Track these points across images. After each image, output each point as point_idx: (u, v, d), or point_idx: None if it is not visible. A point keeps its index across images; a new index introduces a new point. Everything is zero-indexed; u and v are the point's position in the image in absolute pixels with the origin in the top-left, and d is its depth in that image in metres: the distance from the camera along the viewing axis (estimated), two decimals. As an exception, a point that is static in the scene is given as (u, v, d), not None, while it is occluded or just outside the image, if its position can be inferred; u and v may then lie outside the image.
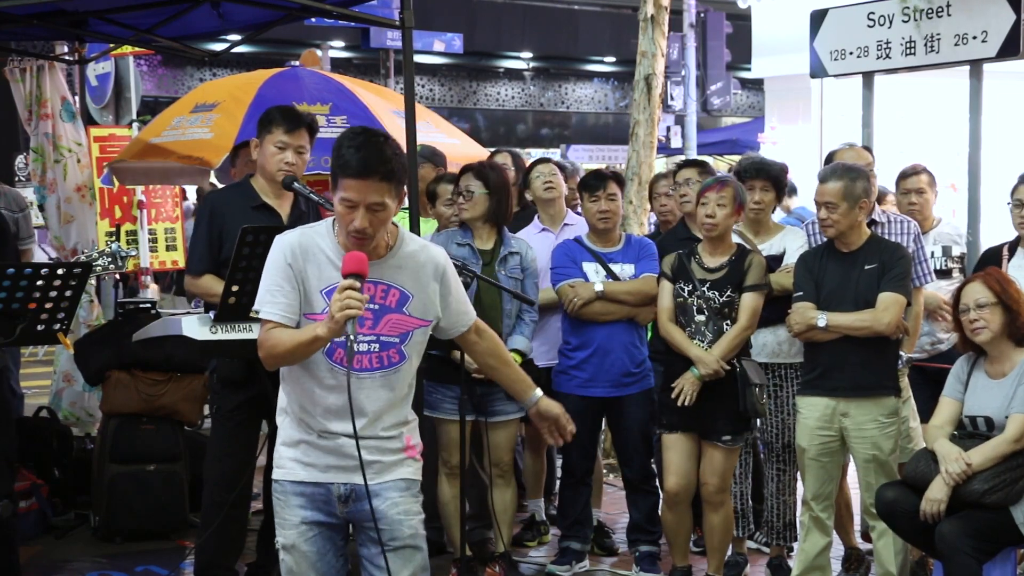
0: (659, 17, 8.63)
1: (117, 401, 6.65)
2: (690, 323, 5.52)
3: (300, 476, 3.65)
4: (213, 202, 5.59)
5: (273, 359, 3.57)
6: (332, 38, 24.13)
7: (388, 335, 3.61)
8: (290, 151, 5.32)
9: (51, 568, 6.18)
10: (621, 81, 29.88)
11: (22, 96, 8.37)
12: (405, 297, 3.62)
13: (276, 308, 3.55)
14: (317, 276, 3.56)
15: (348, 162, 3.48)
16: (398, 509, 3.66)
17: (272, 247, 3.63)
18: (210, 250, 5.40)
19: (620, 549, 6.48)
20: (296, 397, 3.66)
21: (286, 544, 3.67)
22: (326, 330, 3.40)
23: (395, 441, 3.69)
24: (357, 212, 3.46)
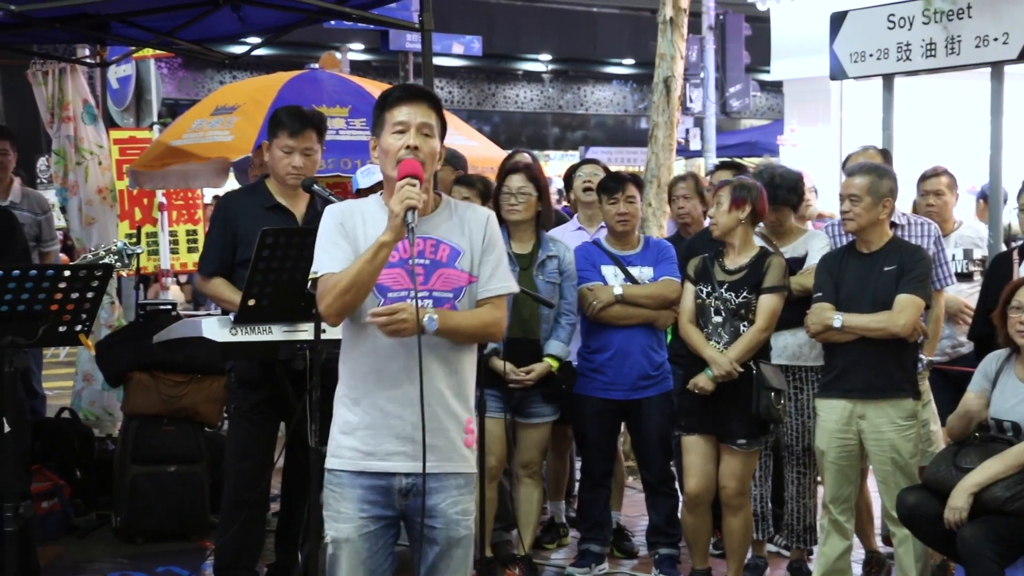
0: (678, 19, 8.62)
1: (138, 402, 6.67)
2: (707, 324, 5.52)
3: (360, 466, 3.53)
4: (227, 204, 5.61)
5: (339, 298, 3.43)
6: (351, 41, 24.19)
7: (441, 290, 3.53)
8: (296, 154, 5.33)
9: (73, 568, 6.20)
10: (640, 83, 29.84)
11: (44, 99, 8.41)
12: (456, 252, 3.57)
13: (334, 262, 3.49)
14: (367, 236, 3.51)
15: (392, 92, 3.57)
16: (457, 508, 3.58)
17: (322, 218, 3.62)
18: (223, 252, 5.42)
19: (640, 552, 6.48)
20: (353, 372, 3.56)
21: (339, 537, 3.55)
22: (389, 232, 3.37)
23: (458, 418, 3.57)
24: (408, 134, 3.49)
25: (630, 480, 7.41)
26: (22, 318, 4.16)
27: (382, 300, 3.48)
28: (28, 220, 7.16)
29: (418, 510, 3.51)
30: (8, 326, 4.14)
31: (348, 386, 3.59)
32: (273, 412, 5.46)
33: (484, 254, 3.61)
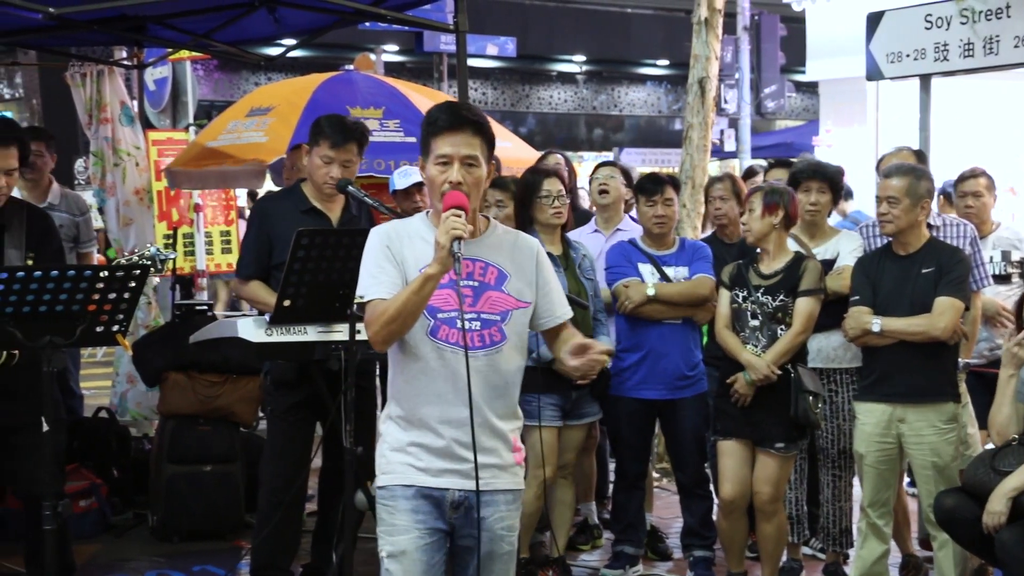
0: (713, 20, 8.59)
1: (174, 402, 6.71)
2: (744, 328, 5.50)
3: (413, 480, 3.54)
4: (263, 207, 5.64)
5: (385, 327, 3.46)
6: (386, 42, 24.21)
7: (489, 312, 3.55)
8: (336, 165, 5.35)
9: (111, 567, 6.24)
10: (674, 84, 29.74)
11: (82, 100, 8.47)
12: (503, 276, 3.59)
13: (381, 287, 3.50)
14: (415, 258, 3.52)
15: (438, 119, 3.52)
16: (503, 524, 3.61)
17: (368, 238, 3.61)
18: (259, 255, 5.45)
19: (674, 554, 6.46)
20: (402, 392, 3.57)
21: (395, 552, 3.54)
22: (435, 264, 3.38)
23: (505, 438, 3.60)
24: (451, 168, 3.47)
25: (664, 482, 7.40)
26: (60, 318, 4.19)
27: (432, 321, 3.51)
28: (66, 221, 7.20)
29: (466, 523, 3.55)
30: (47, 326, 4.17)
31: (399, 406, 3.60)
32: (309, 413, 5.48)
33: (541, 284, 3.65)
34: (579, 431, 5.93)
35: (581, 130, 30.56)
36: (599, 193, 6.60)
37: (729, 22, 13.07)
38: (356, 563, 4.70)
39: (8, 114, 24.50)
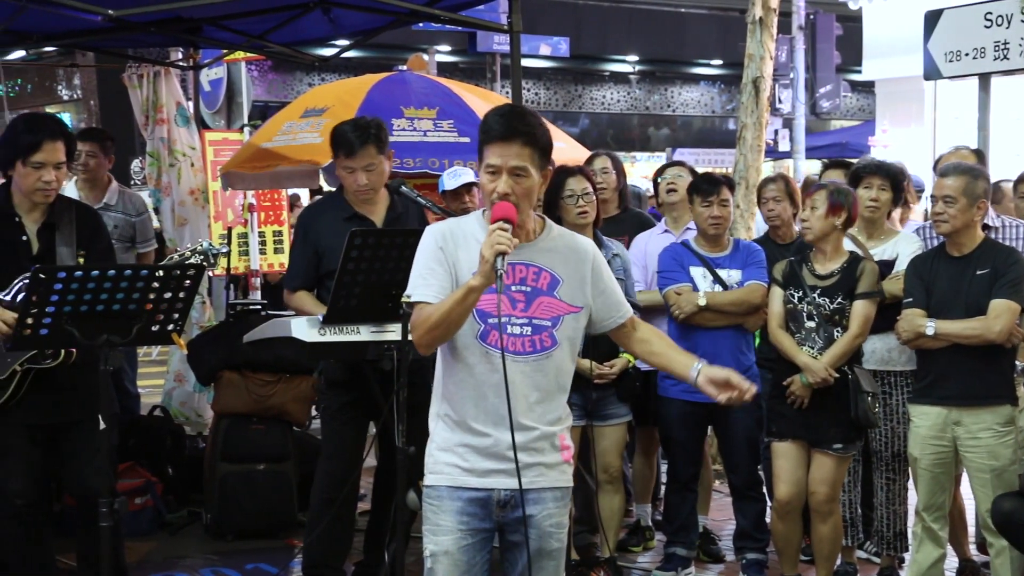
0: (767, 19, 8.54)
1: (228, 401, 6.75)
2: (800, 329, 5.45)
3: (459, 481, 3.57)
4: (307, 218, 5.64)
5: (428, 333, 3.48)
6: (439, 42, 24.29)
7: (540, 318, 3.56)
8: (359, 172, 5.35)
9: (166, 564, 6.29)
10: (728, 84, 29.62)
11: (139, 101, 8.54)
12: (556, 281, 3.59)
13: (429, 290, 3.51)
14: (468, 260, 3.51)
15: (491, 127, 3.51)
16: (551, 521, 3.62)
17: (423, 237, 3.62)
18: (307, 266, 5.47)
19: (726, 556, 6.42)
20: (450, 393, 3.59)
21: (437, 551, 3.57)
22: (478, 276, 3.37)
23: (551, 439, 3.61)
24: (500, 178, 3.47)
25: (716, 484, 7.36)
26: (117, 317, 4.22)
27: (482, 326, 3.52)
28: (121, 222, 7.26)
29: (514, 521, 3.57)
30: (103, 325, 4.21)
31: (447, 405, 3.62)
32: (361, 412, 5.50)
33: (599, 286, 3.65)
34: (612, 432, 5.89)
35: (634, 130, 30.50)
36: (667, 192, 6.57)
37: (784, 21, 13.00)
38: (408, 562, 4.71)
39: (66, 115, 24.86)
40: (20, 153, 4.78)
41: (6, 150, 4.85)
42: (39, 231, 4.91)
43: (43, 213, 4.92)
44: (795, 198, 6.48)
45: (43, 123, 4.91)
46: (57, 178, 4.84)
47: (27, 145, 4.77)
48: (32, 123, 4.89)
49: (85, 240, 4.94)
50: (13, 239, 4.86)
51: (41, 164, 4.77)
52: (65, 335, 4.19)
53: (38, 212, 4.92)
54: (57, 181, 4.85)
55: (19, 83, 25.34)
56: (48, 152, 4.78)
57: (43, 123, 4.91)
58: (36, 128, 4.83)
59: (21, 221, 4.90)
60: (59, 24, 6.99)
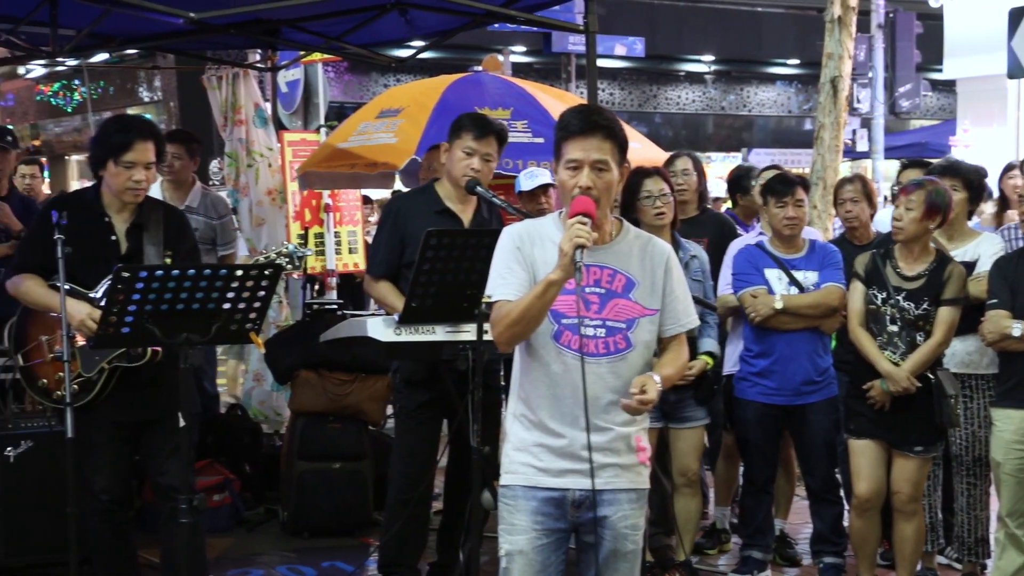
0: (846, 18, 8.47)
1: (305, 400, 6.81)
2: (882, 332, 5.38)
3: (534, 481, 3.58)
4: (397, 205, 5.69)
5: (508, 329, 3.49)
6: (513, 43, 24.31)
7: (614, 320, 3.56)
8: (477, 157, 5.38)
9: (243, 560, 6.35)
10: (805, 84, 29.35)
11: (218, 103, 8.64)
12: (631, 283, 3.59)
13: (508, 288, 3.53)
14: (544, 261, 3.53)
15: (570, 123, 3.53)
16: (627, 523, 3.62)
17: (500, 238, 3.65)
18: (392, 253, 5.50)
19: (803, 560, 6.36)
20: (526, 393, 3.61)
21: (512, 550, 3.60)
22: (558, 270, 3.38)
23: (627, 440, 3.61)
24: (581, 172, 3.48)
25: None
26: (196, 316, 4.28)
27: (556, 326, 3.53)
28: (201, 225, 7.33)
29: (588, 522, 3.57)
30: (183, 323, 4.26)
31: (523, 405, 3.64)
32: (436, 412, 5.52)
33: (668, 291, 3.64)
34: (690, 435, 5.86)
35: (709, 130, 30.32)
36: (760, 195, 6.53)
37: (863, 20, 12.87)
38: (482, 562, 4.72)
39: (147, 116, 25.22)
40: (112, 152, 4.85)
41: (98, 149, 4.92)
42: (128, 231, 4.97)
43: (132, 214, 4.98)
44: (872, 199, 6.41)
45: (134, 123, 4.97)
46: (147, 178, 4.90)
47: (119, 144, 4.84)
48: (124, 123, 4.97)
49: (171, 241, 5.00)
50: (103, 239, 4.93)
51: (132, 164, 4.83)
52: (146, 333, 4.25)
53: (127, 212, 4.98)
54: (147, 181, 4.91)
55: (102, 85, 25.77)
56: (139, 152, 4.84)
57: (134, 123, 4.97)
58: (127, 128, 4.90)
59: (111, 221, 4.96)
60: (141, 27, 7.10)
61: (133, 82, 25.33)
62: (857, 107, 20.89)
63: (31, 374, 5.05)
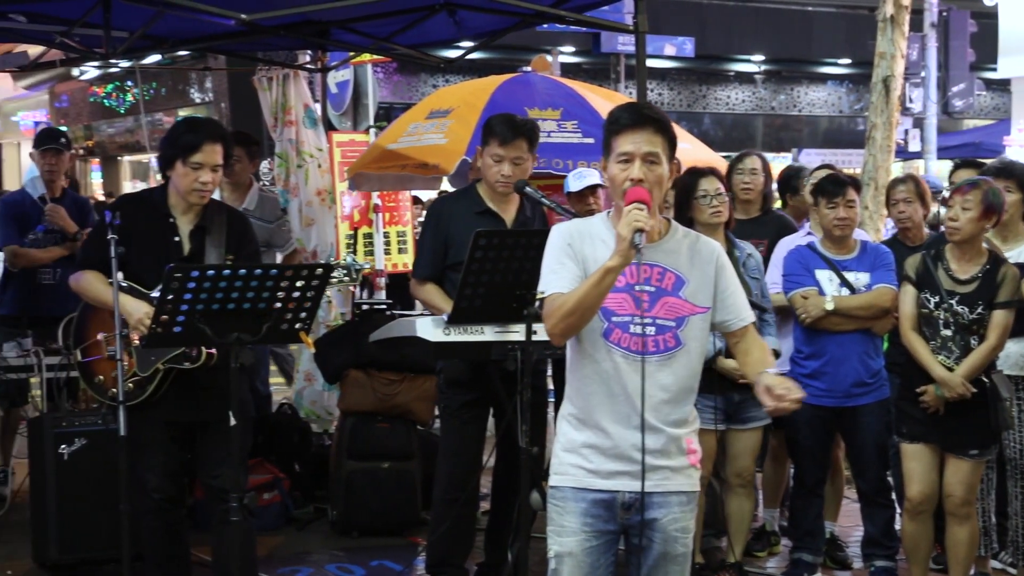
0: (899, 17, 8.40)
1: (354, 399, 6.83)
2: (935, 336, 5.32)
3: (584, 482, 3.56)
4: (439, 208, 5.71)
5: (563, 320, 3.45)
6: (562, 43, 24.28)
7: (664, 318, 3.54)
8: (506, 163, 5.38)
9: (292, 559, 6.38)
10: (856, 83, 29.12)
11: (268, 103, 8.68)
12: (681, 281, 3.57)
13: (561, 281, 3.50)
14: (595, 258, 3.52)
15: (619, 118, 3.53)
16: (677, 525, 3.60)
17: (550, 236, 3.63)
18: (435, 255, 5.52)
19: (854, 563, 6.31)
20: (576, 392, 3.59)
21: (562, 552, 3.58)
22: (615, 256, 3.37)
23: (678, 442, 3.59)
24: (633, 165, 3.47)
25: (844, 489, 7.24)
26: (247, 315, 4.31)
27: (606, 324, 3.52)
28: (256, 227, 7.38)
29: (638, 524, 3.56)
30: (234, 323, 4.30)
31: (573, 405, 3.62)
32: (481, 412, 5.52)
33: (722, 287, 3.62)
34: (749, 436, 5.83)
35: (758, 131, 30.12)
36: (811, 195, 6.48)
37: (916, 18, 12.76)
38: (530, 562, 4.72)
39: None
40: (180, 152, 4.87)
41: (167, 150, 4.94)
42: (191, 233, 4.99)
43: (196, 216, 5.00)
44: (926, 199, 6.35)
45: (204, 125, 5.00)
46: (213, 180, 4.92)
47: (187, 145, 4.86)
48: (193, 124, 4.99)
49: (234, 244, 5.01)
50: (166, 239, 4.96)
51: (200, 165, 4.85)
52: (198, 333, 4.29)
53: (192, 214, 5.00)
54: (213, 183, 4.93)
55: (154, 86, 25.99)
56: (207, 153, 4.87)
57: (204, 125, 5.00)
58: (197, 129, 4.92)
59: (175, 222, 4.99)
60: (193, 28, 7.16)
61: (185, 83, 25.53)
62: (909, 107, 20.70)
63: (89, 370, 5.12)
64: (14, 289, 7.40)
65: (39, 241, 7.31)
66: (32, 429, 6.17)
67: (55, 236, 7.33)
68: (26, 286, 7.34)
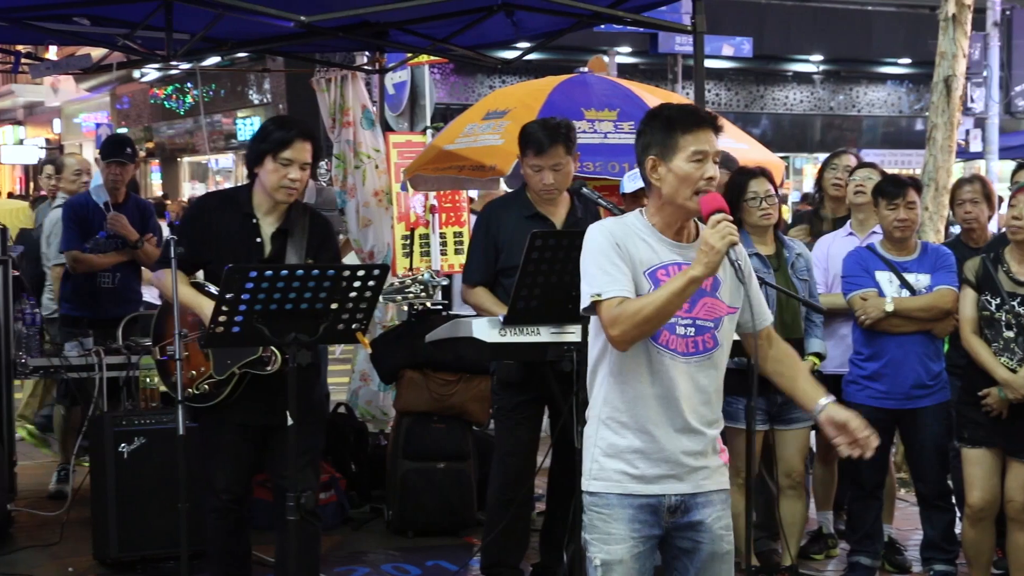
0: (961, 16, 8.30)
1: (410, 400, 6.85)
2: (997, 339, 5.26)
3: (630, 489, 3.54)
4: (489, 213, 5.72)
5: (637, 327, 3.41)
6: (619, 44, 24.22)
7: (703, 319, 3.53)
8: (546, 171, 5.38)
9: (349, 558, 6.42)
10: (916, 83, 28.83)
11: (326, 105, 8.72)
12: (717, 281, 3.55)
13: (619, 286, 3.46)
14: (640, 259, 3.51)
15: (685, 119, 3.52)
16: (721, 523, 3.60)
17: (590, 235, 3.58)
18: (486, 261, 5.53)
19: (912, 567, 6.25)
20: (618, 396, 3.55)
21: (611, 560, 3.53)
22: (701, 267, 3.35)
23: (713, 442, 3.59)
24: (707, 163, 3.47)
25: (901, 492, 7.18)
26: (305, 316, 4.33)
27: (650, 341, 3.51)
28: None
29: (683, 527, 3.56)
30: (292, 323, 4.32)
31: (614, 408, 3.57)
32: (534, 412, 5.52)
33: (747, 286, 3.60)
34: (795, 436, 5.80)
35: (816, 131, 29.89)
36: (855, 194, 6.42)
37: (978, 17, 12.61)
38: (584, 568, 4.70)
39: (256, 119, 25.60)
40: (271, 148, 4.84)
41: (257, 145, 4.90)
42: (273, 235, 4.97)
43: (279, 218, 4.98)
44: (992, 200, 6.28)
45: (295, 122, 4.98)
46: (302, 179, 4.88)
47: (279, 140, 4.84)
48: (286, 121, 4.98)
49: (314, 248, 4.99)
50: (248, 240, 4.94)
51: (289, 161, 4.83)
52: (256, 333, 4.31)
53: (275, 215, 4.98)
54: (302, 182, 4.89)
55: (213, 88, 26.23)
56: (297, 150, 4.84)
57: (295, 122, 4.98)
58: (290, 126, 4.90)
59: (258, 223, 4.97)
60: (252, 30, 7.22)
61: (243, 85, 25.74)
62: (971, 107, 20.52)
63: (166, 368, 5.16)
64: (75, 291, 7.50)
65: (99, 247, 7.39)
66: (93, 428, 6.25)
67: (115, 242, 7.41)
68: (86, 289, 7.44)
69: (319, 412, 5.21)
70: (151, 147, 30.21)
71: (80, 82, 28.36)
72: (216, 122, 27.15)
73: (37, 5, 6.48)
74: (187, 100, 27.48)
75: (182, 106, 27.94)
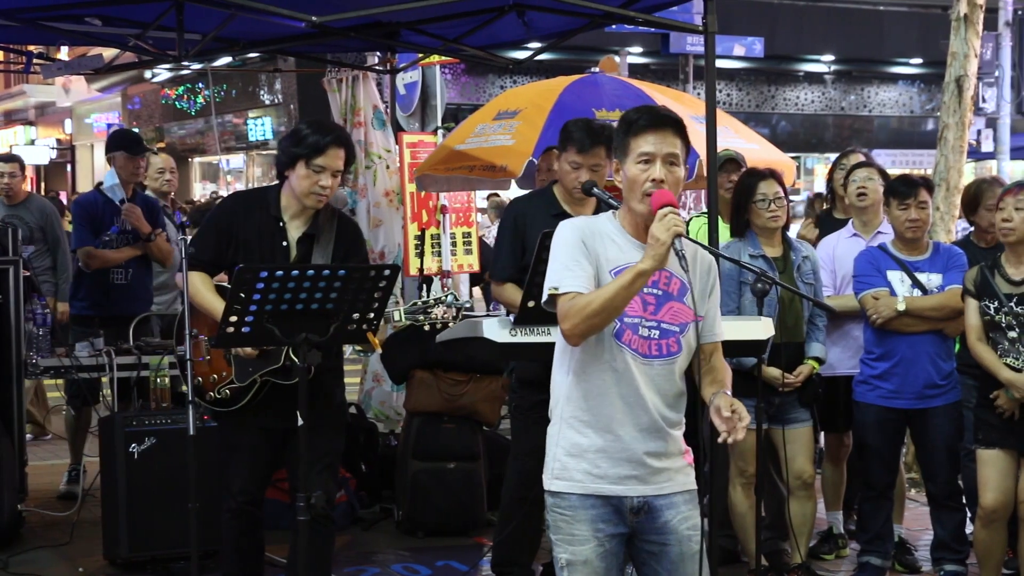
0: (973, 16, 8.27)
1: (420, 400, 6.86)
2: (1001, 340, 5.26)
3: (591, 488, 3.54)
4: (516, 209, 5.73)
5: (586, 321, 3.40)
6: (630, 44, 24.22)
7: (669, 323, 3.54)
8: (584, 170, 5.37)
9: (359, 558, 6.42)
10: (928, 83, 28.78)
11: (338, 105, 8.74)
12: (684, 287, 3.55)
13: (578, 280, 3.46)
14: (606, 256, 3.52)
15: (637, 119, 3.52)
16: (688, 524, 3.59)
17: (559, 231, 3.60)
18: (513, 257, 5.53)
19: (923, 567, 6.24)
20: (580, 395, 3.55)
21: (574, 560, 3.52)
22: (649, 259, 3.35)
23: (677, 443, 3.60)
24: (654, 166, 3.46)
25: (911, 492, 7.17)
26: (315, 316, 4.33)
27: (618, 324, 3.50)
28: None
29: (648, 529, 3.56)
30: (302, 324, 4.32)
31: (577, 407, 3.57)
32: (551, 412, 5.51)
33: (711, 299, 3.63)
34: (798, 435, 5.78)
35: (828, 131, 29.86)
36: (857, 196, 6.40)
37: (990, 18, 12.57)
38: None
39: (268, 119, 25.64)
40: (305, 153, 4.77)
41: (290, 148, 4.83)
42: (300, 239, 4.92)
43: (306, 221, 4.93)
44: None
45: (331, 128, 4.91)
46: (333, 185, 4.82)
47: (313, 146, 4.77)
48: (320, 126, 4.88)
49: (341, 254, 4.94)
50: (274, 243, 4.90)
51: (322, 168, 4.77)
52: (266, 333, 4.30)
53: (303, 219, 4.93)
54: (332, 189, 4.83)
55: (224, 88, 26.28)
56: (331, 157, 4.78)
57: (331, 128, 4.91)
58: (326, 132, 4.83)
59: (285, 226, 4.92)
60: (264, 31, 7.22)
61: (255, 85, 25.78)
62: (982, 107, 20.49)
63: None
64: (86, 289, 7.51)
65: (112, 242, 7.42)
66: (103, 428, 6.27)
67: (128, 236, 7.44)
68: (98, 286, 7.45)
69: (340, 416, 5.19)
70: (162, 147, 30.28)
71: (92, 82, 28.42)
72: (227, 122, 27.20)
73: (49, 5, 6.49)
74: (198, 100, 27.54)
75: (193, 106, 28.00)
